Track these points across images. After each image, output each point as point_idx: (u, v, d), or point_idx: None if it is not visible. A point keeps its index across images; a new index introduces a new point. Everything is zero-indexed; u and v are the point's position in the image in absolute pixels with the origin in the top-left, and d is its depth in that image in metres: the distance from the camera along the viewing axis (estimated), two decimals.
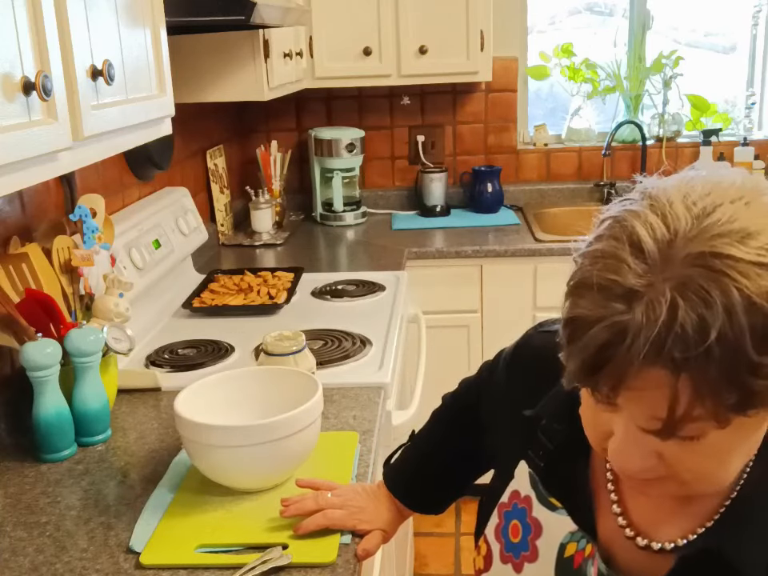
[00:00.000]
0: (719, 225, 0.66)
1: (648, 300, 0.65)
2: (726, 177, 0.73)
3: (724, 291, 0.63)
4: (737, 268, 0.64)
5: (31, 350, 1.32)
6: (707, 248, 0.65)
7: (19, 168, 0.94)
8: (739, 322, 0.63)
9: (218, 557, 1.09)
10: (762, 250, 0.65)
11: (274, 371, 1.36)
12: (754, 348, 0.64)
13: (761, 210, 0.69)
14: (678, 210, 0.68)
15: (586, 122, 3.33)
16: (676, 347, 0.64)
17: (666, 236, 0.67)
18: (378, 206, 3.29)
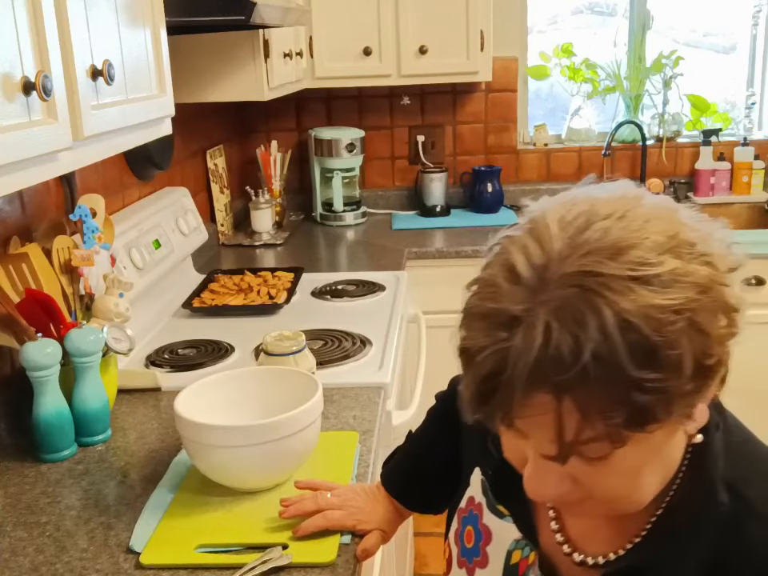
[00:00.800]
0: (590, 243, 0.66)
1: (526, 325, 0.65)
2: (606, 192, 0.73)
3: (596, 310, 0.63)
4: (608, 285, 0.64)
5: (31, 349, 1.32)
6: (578, 267, 0.65)
7: (19, 168, 0.94)
8: (613, 340, 0.63)
9: (217, 557, 1.09)
10: (632, 264, 0.65)
11: (274, 371, 1.36)
12: (633, 364, 0.63)
13: (634, 223, 0.68)
14: (554, 231, 0.68)
15: (586, 121, 3.33)
16: (553, 370, 0.64)
17: (541, 259, 0.67)
18: (378, 205, 3.29)
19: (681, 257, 0.67)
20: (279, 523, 1.13)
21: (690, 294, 0.66)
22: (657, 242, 0.67)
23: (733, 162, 3.17)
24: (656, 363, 0.64)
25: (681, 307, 0.65)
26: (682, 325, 0.65)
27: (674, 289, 0.65)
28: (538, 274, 0.67)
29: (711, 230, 0.75)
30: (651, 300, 0.64)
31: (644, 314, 0.63)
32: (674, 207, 0.74)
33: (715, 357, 0.68)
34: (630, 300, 0.64)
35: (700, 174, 3.18)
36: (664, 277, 0.65)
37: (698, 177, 3.19)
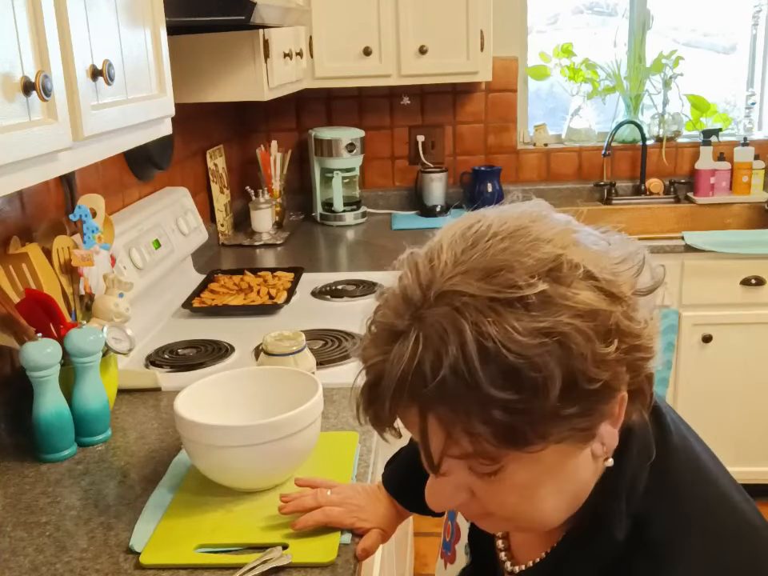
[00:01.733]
0: (468, 262, 0.69)
1: (401, 341, 0.68)
2: (511, 211, 0.75)
3: (458, 329, 0.65)
4: (473, 305, 0.66)
5: (31, 349, 1.32)
6: (450, 286, 0.68)
7: (19, 168, 0.94)
8: (471, 359, 0.64)
9: (217, 557, 1.09)
10: (500, 286, 0.66)
11: (274, 371, 1.36)
12: (491, 384, 0.64)
13: (518, 243, 0.69)
14: (445, 251, 0.71)
15: (586, 122, 3.32)
16: (415, 384, 0.67)
17: (426, 277, 0.70)
18: (378, 206, 3.29)
19: (558, 280, 0.67)
20: (279, 523, 1.13)
21: (563, 317, 0.66)
22: (533, 265, 0.67)
23: (733, 162, 3.17)
24: (516, 384, 0.65)
25: (549, 330, 0.65)
26: (550, 347, 0.65)
27: (541, 313, 0.66)
28: (422, 292, 0.69)
29: (619, 253, 0.74)
30: (513, 322, 0.65)
31: (504, 336, 0.65)
32: (572, 228, 0.74)
33: (599, 381, 0.67)
34: (491, 321, 0.65)
35: (700, 173, 3.18)
36: (531, 300, 0.66)
37: (698, 177, 3.19)
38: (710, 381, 2.69)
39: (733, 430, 2.72)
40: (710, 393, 2.69)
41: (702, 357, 2.68)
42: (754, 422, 2.74)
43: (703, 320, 2.68)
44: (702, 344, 2.68)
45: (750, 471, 2.75)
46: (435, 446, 0.69)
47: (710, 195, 3.18)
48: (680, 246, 2.66)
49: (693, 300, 2.68)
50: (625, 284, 0.71)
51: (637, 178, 3.25)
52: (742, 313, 2.66)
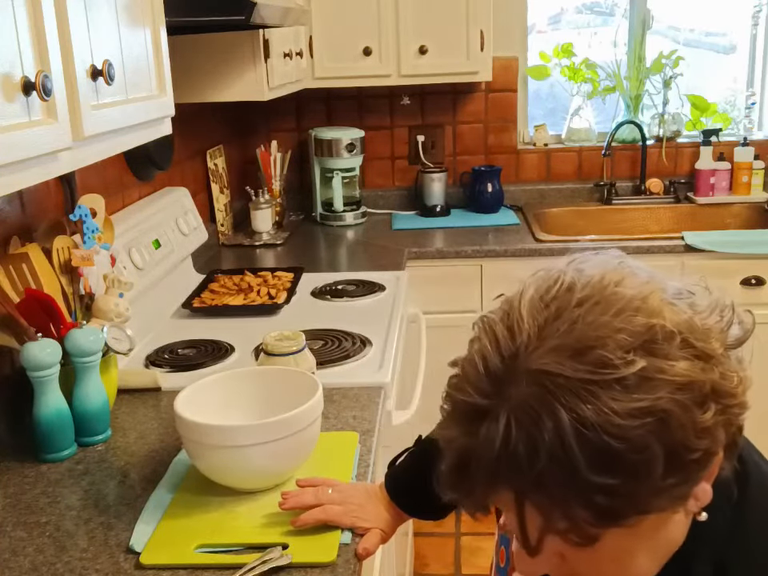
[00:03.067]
0: (556, 337, 0.65)
1: (489, 421, 0.65)
2: (589, 269, 0.71)
3: (553, 413, 0.62)
4: (567, 387, 0.62)
5: (31, 349, 1.32)
6: (540, 365, 0.64)
7: (19, 168, 0.94)
8: (570, 445, 0.62)
9: (217, 557, 1.09)
10: (593, 366, 0.63)
11: (274, 371, 1.36)
12: (591, 470, 0.62)
13: (604, 316, 0.65)
14: (525, 317, 0.67)
15: (586, 122, 3.32)
16: (510, 471, 0.64)
17: (509, 350, 0.66)
18: (377, 206, 3.29)
19: (653, 353, 0.64)
20: (279, 523, 1.13)
21: (663, 392, 0.63)
22: (626, 340, 0.64)
23: (733, 162, 3.17)
24: (618, 468, 0.62)
25: (649, 409, 0.62)
26: (651, 427, 0.62)
27: (640, 391, 0.62)
28: (506, 366, 0.66)
29: (706, 304, 0.71)
30: (611, 404, 0.62)
31: (603, 420, 0.61)
32: (657, 286, 0.69)
33: (700, 450, 0.65)
34: (587, 405, 0.62)
35: (700, 173, 3.18)
36: (629, 380, 0.62)
37: (698, 177, 3.19)
38: None
39: None
40: None
41: None
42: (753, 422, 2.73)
43: None
44: None
45: None
46: (532, 528, 0.67)
47: (710, 195, 3.18)
48: (680, 246, 2.66)
49: None
50: (717, 341, 0.68)
51: (637, 177, 3.25)
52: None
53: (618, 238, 2.73)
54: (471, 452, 0.66)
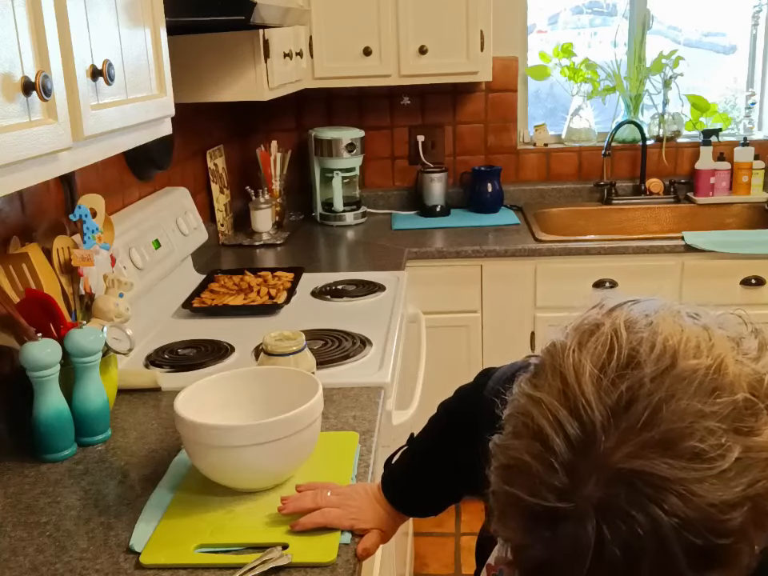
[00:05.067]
0: (637, 429, 0.58)
1: (573, 526, 0.58)
2: (643, 329, 0.64)
3: (650, 516, 0.57)
4: (661, 486, 0.57)
5: (31, 349, 1.32)
6: (627, 464, 0.58)
7: (19, 168, 0.94)
8: (671, 548, 0.57)
9: (218, 557, 1.09)
10: (687, 461, 0.57)
11: (274, 371, 1.36)
12: (690, 567, 0.58)
13: (683, 400, 0.59)
14: (591, 397, 0.60)
15: (586, 122, 3.32)
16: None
17: (580, 437, 0.59)
18: (377, 206, 3.29)
19: (741, 432, 0.59)
20: (279, 523, 1.13)
21: (756, 473, 0.58)
22: (716, 426, 0.58)
23: (733, 162, 3.17)
24: (719, 561, 0.58)
25: (746, 495, 0.58)
26: (748, 512, 0.58)
27: (736, 477, 0.58)
28: (580, 460, 0.59)
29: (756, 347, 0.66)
30: (709, 499, 0.57)
31: (704, 517, 0.57)
32: (725, 344, 0.64)
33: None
34: (686, 504, 0.57)
35: (700, 173, 3.18)
36: (729, 471, 0.58)
37: (698, 177, 3.18)
38: None
39: None
40: None
41: None
42: None
43: None
44: None
45: None
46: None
47: (710, 195, 3.18)
48: (680, 246, 2.66)
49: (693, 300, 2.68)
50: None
51: (637, 177, 3.24)
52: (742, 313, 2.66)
53: (618, 238, 2.73)
54: (554, 562, 0.60)
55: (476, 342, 2.74)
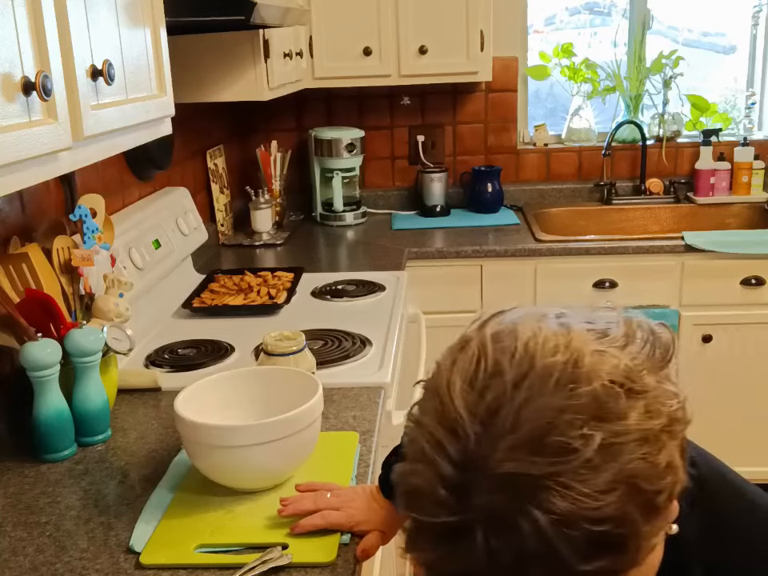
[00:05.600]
0: (506, 434, 0.61)
1: (465, 538, 0.61)
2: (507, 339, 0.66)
3: (528, 515, 0.59)
4: (535, 484, 0.60)
5: (31, 349, 1.32)
6: (501, 469, 0.60)
7: (19, 168, 0.94)
8: (554, 545, 0.59)
9: (217, 557, 1.09)
10: (553, 455, 0.60)
11: (274, 371, 1.36)
12: (580, 560, 0.60)
13: (541, 396, 0.62)
14: (465, 415, 0.63)
15: (586, 122, 3.32)
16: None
17: (461, 456, 0.62)
18: (377, 206, 3.29)
19: (606, 419, 0.61)
20: (279, 523, 1.13)
21: (626, 455, 0.61)
22: (575, 417, 0.61)
23: (733, 162, 3.17)
24: (606, 547, 0.61)
25: (617, 478, 0.60)
26: (624, 493, 0.61)
27: (605, 464, 0.60)
28: (463, 475, 0.62)
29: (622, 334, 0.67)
30: (582, 489, 0.60)
31: (579, 508, 0.59)
32: (582, 338, 0.66)
33: (667, 488, 0.64)
34: (559, 498, 0.59)
35: (700, 173, 3.18)
36: (594, 459, 0.60)
37: (698, 177, 3.18)
38: (710, 381, 2.68)
39: (733, 430, 2.71)
40: (710, 393, 2.69)
41: (701, 357, 2.68)
42: (754, 422, 2.74)
43: (703, 320, 2.68)
44: (701, 344, 2.68)
45: (750, 471, 2.74)
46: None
47: (710, 195, 3.18)
48: (680, 246, 2.66)
49: (693, 300, 2.68)
50: (647, 371, 0.65)
51: (637, 177, 3.24)
52: (742, 313, 2.66)
53: (617, 238, 2.73)
54: (458, 571, 0.63)
55: None
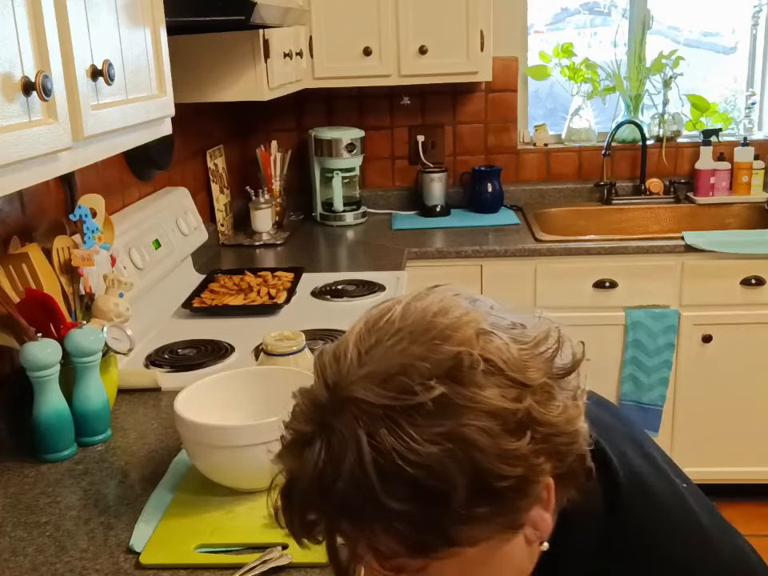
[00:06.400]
0: (369, 365, 0.67)
1: (309, 449, 0.67)
2: (417, 302, 0.72)
3: (356, 439, 0.64)
4: (372, 413, 0.64)
5: (31, 349, 1.32)
6: (352, 393, 0.66)
7: (19, 168, 0.94)
8: (367, 471, 0.63)
9: (217, 557, 1.09)
10: (396, 392, 0.64)
11: (274, 371, 1.36)
12: (390, 497, 0.63)
13: (412, 346, 0.67)
14: (351, 348, 0.69)
15: (586, 121, 3.32)
16: (319, 494, 0.66)
17: (333, 379, 0.68)
18: (377, 206, 3.29)
19: (457, 380, 0.65)
20: None
21: (465, 419, 0.64)
22: (427, 367, 0.65)
23: (733, 162, 3.17)
24: (417, 495, 0.63)
25: (449, 435, 0.63)
26: (451, 453, 0.63)
27: (440, 418, 0.63)
28: (329, 394, 0.68)
29: (533, 335, 0.71)
30: (409, 430, 0.63)
31: (400, 447, 0.63)
32: (479, 317, 0.70)
33: (511, 477, 0.65)
34: (387, 431, 0.63)
35: (700, 173, 3.18)
36: (428, 406, 0.64)
37: (698, 177, 3.18)
38: (710, 381, 2.68)
39: (733, 430, 2.72)
40: (710, 393, 2.69)
41: (702, 357, 2.68)
42: (753, 422, 2.74)
43: (703, 320, 2.68)
44: (701, 344, 2.68)
45: (750, 471, 2.75)
46: (342, 553, 0.71)
47: (710, 195, 3.18)
48: (680, 246, 2.66)
49: (693, 300, 2.68)
50: (537, 370, 0.68)
51: (637, 177, 3.24)
52: (742, 313, 2.66)
53: (617, 238, 2.73)
54: (294, 477, 0.69)
55: None
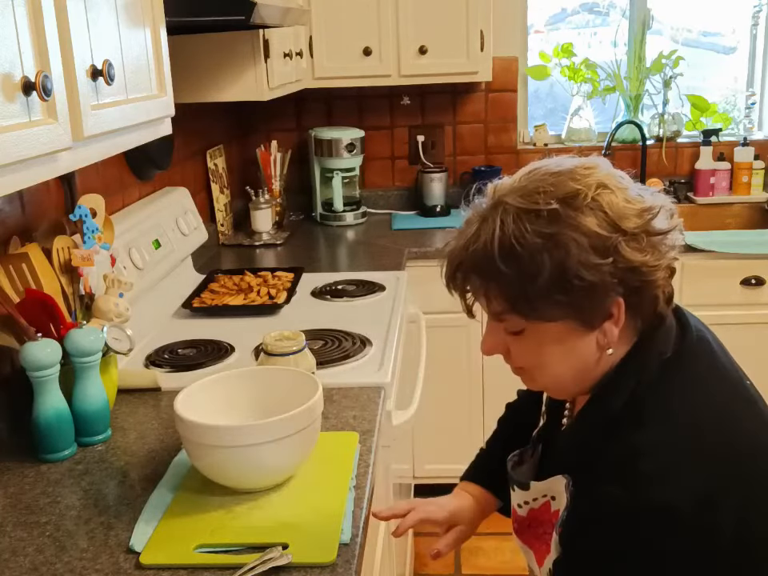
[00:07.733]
0: (521, 185, 0.96)
1: (468, 227, 0.97)
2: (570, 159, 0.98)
3: (494, 221, 0.94)
4: (509, 210, 0.94)
5: (31, 349, 1.32)
6: (502, 197, 0.96)
7: (19, 168, 0.94)
8: (492, 240, 0.93)
9: (217, 557, 1.09)
10: (527, 201, 0.93)
11: (274, 371, 1.36)
12: (501, 261, 0.92)
13: (550, 178, 0.94)
14: (518, 177, 0.98)
15: (586, 122, 3.32)
16: (464, 249, 0.96)
17: (501, 190, 0.97)
18: (377, 206, 3.29)
19: (569, 206, 0.91)
20: (279, 523, 1.13)
21: (564, 230, 0.90)
22: (555, 192, 0.92)
23: (733, 162, 3.17)
24: (516, 264, 0.91)
25: (550, 235, 0.90)
26: (547, 245, 0.90)
27: (549, 223, 0.91)
28: (493, 196, 0.98)
29: (647, 201, 0.95)
30: (526, 224, 0.92)
31: (517, 232, 0.92)
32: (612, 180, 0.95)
33: (585, 281, 0.90)
34: (513, 221, 0.92)
35: (700, 173, 3.18)
36: (542, 214, 0.92)
37: (698, 177, 3.19)
38: None
39: None
40: None
41: None
42: None
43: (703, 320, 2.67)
44: None
45: None
46: (481, 303, 0.99)
47: (710, 195, 3.18)
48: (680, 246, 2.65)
49: (693, 300, 2.68)
50: (634, 223, 0.92)
51: (637, 178, 3.22)
52: (742, 313, 2.66)
53: None
54: (455, 241, 0.99)
55: (476, 342, 2.72)
